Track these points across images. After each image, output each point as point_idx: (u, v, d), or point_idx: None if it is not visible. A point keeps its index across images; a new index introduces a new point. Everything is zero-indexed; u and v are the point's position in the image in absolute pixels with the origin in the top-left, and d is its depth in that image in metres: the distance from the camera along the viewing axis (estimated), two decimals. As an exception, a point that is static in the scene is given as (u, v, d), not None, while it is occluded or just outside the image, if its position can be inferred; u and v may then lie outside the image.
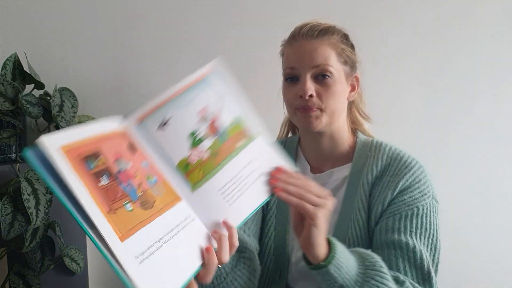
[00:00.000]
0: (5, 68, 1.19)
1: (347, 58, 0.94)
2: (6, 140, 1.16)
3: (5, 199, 1.12)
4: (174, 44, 1.45)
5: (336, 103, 0.92)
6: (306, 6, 1.50)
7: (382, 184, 0.93)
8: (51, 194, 1.16)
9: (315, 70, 0.91)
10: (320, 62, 0.90)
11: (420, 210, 0.89)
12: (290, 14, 1.49)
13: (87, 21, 1.39)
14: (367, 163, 0.96)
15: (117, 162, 0.60)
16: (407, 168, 0.92)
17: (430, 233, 0.90)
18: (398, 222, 0.88)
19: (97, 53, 1.41)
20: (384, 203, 0.91)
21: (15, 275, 1.20)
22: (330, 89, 0.91)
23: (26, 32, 1.36)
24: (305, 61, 0.91)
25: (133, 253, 0.54)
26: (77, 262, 1.31)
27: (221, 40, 1.47)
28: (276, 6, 1.49)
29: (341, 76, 0.93)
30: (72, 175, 0.52)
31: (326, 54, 0.91)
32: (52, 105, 1.19)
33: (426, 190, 0.91)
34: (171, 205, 0.63)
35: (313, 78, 0.91)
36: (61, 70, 1.39)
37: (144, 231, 0.57)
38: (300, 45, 0.92)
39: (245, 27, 1.48)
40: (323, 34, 0.92)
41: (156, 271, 0.56)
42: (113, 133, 0.62)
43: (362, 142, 1.00)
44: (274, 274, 1.00)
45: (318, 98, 0.91)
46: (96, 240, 0.53)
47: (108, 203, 0.55)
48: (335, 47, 0.92)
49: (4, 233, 1.10)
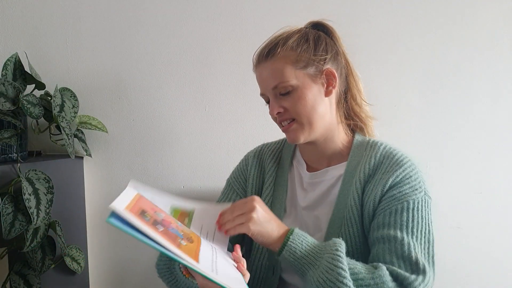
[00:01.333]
0: (6, 69, 1.19)
1: (307, 61, 0.93)
2: (7, 140, 1.17)
3: (6, 198, 1.12)
4: (174, 44, 1.45)
5: (307, 109, 0.93)
6: (306, 5, 1.50)
7: (374, 182, 0.93)
8: (51, 193, 1.16)
9: (275, 91, 0.94)
10: (276, 82, 0.93)
11: (410, 204, 0.89)
12: (290, 14, 1.49)
13: (87, 22, 1.40)
14: (361, 161, 0.97)
15: (156, 214, 0.77)
16: (398, 165, 0.92)
17: (422, 226, 0.89)
18: (388, 217, 0.89)
19: (98, 53, 1.41)
20: (375, 200, 0.91)
21: (16, 274, 1.21)
22: (296, 100, 0.93)
23: (27, 33, 1.36)
24: (265, 85, 0.96)
25: (209, 268, 0.71)
26: (78, 262, 1.31)
27: (221, 40, 1.47)
28: (276, 6, 1.49)
29: (306, 82, 0.93)
30: (144, 226, 0.68)
31: (279, 71, 0.92)
32: (53, 105, 1.19)
33: (417, 186, 0.91)
34: (199, 239, 0.81)
35: (278, 95, 0.95)
36: (61, 70, 1.40)
37: (201, 256, 0.74)
38: (258, 71, 0.97)
39: (245, 27, 1.48)
40: (272, 53, 0.93)
41: (227, 279, 0.73)
42: (136, 195, 0.80)
43: (359, 142, 1.01)
44: (268, 271, 1.01)
45: (287, 111, 0.94)
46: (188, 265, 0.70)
47: (173, 241, 0.72)
48: (288, 58, 0.93)
49: (5, 233, 1.10)
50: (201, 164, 1.49)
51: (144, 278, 1.50)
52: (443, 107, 1.61)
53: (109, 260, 1.48)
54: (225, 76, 1.49)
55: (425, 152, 1.61)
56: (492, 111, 1.63)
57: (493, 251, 1.67)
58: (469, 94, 1.61)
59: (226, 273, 0.75)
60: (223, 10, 1.47)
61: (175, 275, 0.94)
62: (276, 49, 0.93)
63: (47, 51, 1.38)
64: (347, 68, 1.01)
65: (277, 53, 0.93)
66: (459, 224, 1.65)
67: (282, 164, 1.08)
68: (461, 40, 1.59)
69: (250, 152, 1.15)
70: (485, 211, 1.65)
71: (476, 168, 1.64)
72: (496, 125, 1.63)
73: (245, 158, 1.15)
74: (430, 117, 1.61)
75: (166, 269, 0.96)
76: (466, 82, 1.61)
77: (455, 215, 1.64)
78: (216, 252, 0.80)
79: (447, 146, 1.62)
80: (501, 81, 1.62)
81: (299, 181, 1.04)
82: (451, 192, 1.63)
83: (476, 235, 1.65)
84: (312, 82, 0.94)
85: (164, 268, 0.96)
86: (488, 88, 1.62)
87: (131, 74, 1.44)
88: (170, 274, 0.95)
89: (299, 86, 0.93)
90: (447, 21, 1.58)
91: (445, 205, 1.62)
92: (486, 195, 1.64)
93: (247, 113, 1.51)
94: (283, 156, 1.09)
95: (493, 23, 1.60)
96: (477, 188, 1.64)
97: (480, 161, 1.64)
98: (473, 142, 1.63)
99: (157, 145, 1.47)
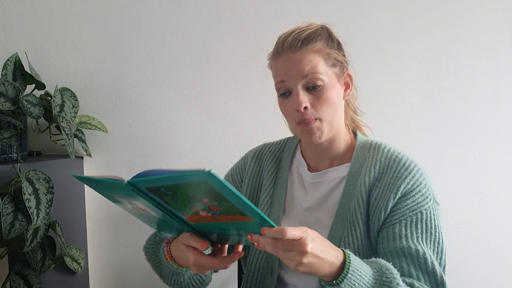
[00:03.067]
0: (6, 69, 1.19)
1: (335, 60, 0.93)
2: (7, 140, 1.17)
3: (6, 198, 1.12)
4: (174, 44, 1.45)
5: (332, 110, 0.92)
6: (307, 5, 1.50)
7: (382, 187, 0.92)
8: (51, 193, 1.16)
9: (305, 81, 0.90)
10: (308, 71, 0.89)
11: (424, 215, 0.90)
12: (290, 13, 1.49)
13: (87, 22, 1.40)
14: (365, 164, 0.95)
15: None
16: (407, 170, 0.92)
17: (435, 236, 0.90)
18: (404, 229, 0.89)
19: (98, 53, 1.41)
20: (387, 208, 0.90)
21: (16, 274, 1.21)
22: (324, 98, 0.90)
23: (26, 33, 1.36)
24: (293, 74, 0.90)
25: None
26: (78, 262, 1.31)
27: (221, 40, 1.47)
28: (277, 6, 1.49)
29: (333, 80, 0.92)
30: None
31: (313, 63, 0.89)
32: (53, 105, 1.19)
33: (427, 193, 0.91)
34: None
35: (305, 89, 0.90)
36: (61, 70, 1.40)
37: None
38: (286, 58, 0.91)
39: (246, 27, 1.48)
40: (306, 43, 0.90)
41: None
42: None
43: (361, 143, 1.00)
44: (266, 271, 1.01)
45: (314, 109, 0.90)
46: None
47: None
48: (321, 53, 0.91)
49: (5, 233, 1.10)
50: (201, 164, 1.49)
51: (144, 278, 1.50)
52: (443, 107, 1.61)
53: (109, 260, 1.48)
54: (225, 76, 1.49)
55: (425, 152, 1.61)
56: (492, 111, 1.63)
57: (493, 251, 1.67)
58: (469, 94, 1.62)
59: None
60: (223, 10, 1.47)
61: (159, 258, 0.95)
62: (311, 40, 0.90)
63: (47, 51, 1.38)
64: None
65: (312, 45, 0.90)
66: (459, 224, 1.65)
67: (282, 165, 1.07)
68: (461, 40, 1.60)
69: (250, 151, 1.14)
70: (485, 211, 1.65)
71: (476, 168, 1.64)
72: (496, 125, 1.63)
73: (244, 156, 1.14)
74: (430, 117, 1.61)
75: (152, 252, 0.98)
76: (466, 82, 1.61)
77: (455, 215, 1.64)
78: None
79: (447, 146, 1.62)
80: (501, 81, 1.62)
81: (300, 181, 1.03)
82: (451, 192, 1.63)
83: (476, 235, 1.66)
84: (337, 82, 0.93)
85: (150, 252, 0.99)
86: (488, 88, 1.62)
87: (131, 74, 1.44)
88: (155, 257, 0.97)
89: (328, 84, 0.91)
90: (447, 21, 1.58)
91: (445, 205, 1.62)
92: (486, 195, 1.65)
93: (247, 113, 1.51)
94: (283, 157, 1.08)
95: (493, 23, 1.60)
96: (477, 188, 1.64)
97: (480, 161, 1.64)
98: (473, 142, 1.63)
99: (157, 145, 1.47)
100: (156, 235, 1.03)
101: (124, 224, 1.47)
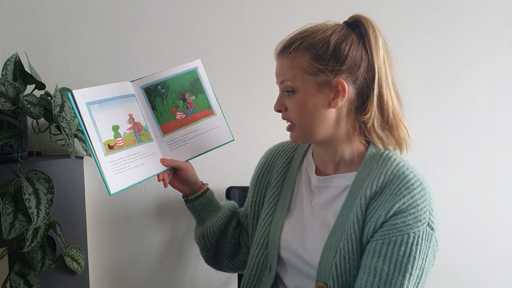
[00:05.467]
0: (6, 69, 1.19)
1: (317, 69, 0.89)
2: (7, 140, 1.17)
3: (6, 198, 1.12)
4: (174, 44, 1.45)
5: (306, 116, 0.92)
6: (307, 4, 1.50)
7: (380, 201, 0.90)
8: (51, 193, 1.16)
9: (281, 86, 0.95)
10: (283, 78, 0.93)
11: (410, 238, 0.85)
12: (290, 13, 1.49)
13: (87, 22, 1.40)
14: (371, 175, 0.92)
15: None
16: (408, 189, 0.88)
17: (417, 262, 0.86)
18: (386, 247, 0.86)
19: (98, 53, 1.41)
20: (376, 223, 0.88)
21: (16, 274, 1.21)
22: (295, 104, 0.92)
23: (27, 33, 1.36)
24: (277, 78, 0.96)
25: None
26: (78, 262, 1.31)
27: (221, 40, 1.48)
28: (277, 5, 1.50)
29: (310, 88, 0.90)
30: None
31: (289, 70, 0.92)
32: (53, 105, 1.19)
33: (421, 217, 0.87)
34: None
35: (284, 93, 0.95)
36: (62, 70, 1.40)
37: None
38: (277, 62, 0.97)
39: (245, 26, 1.48)
40: (287, 50, 0.92)
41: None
42: None
43: (372, 154, 0.95)
44: (265, 268, 1.01)
45: (287, 112, 0.95)
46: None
47: None
48: (299, 60, 0.91)
49: (5, 233, 1.10)
50: (200, 164, 1.49)
51: (144, 278, 1.50)
52: (443, 107, 1.61)
53: (109, 260, 1.48)
54: (225, 76, 1.49)
55: (425, 152, 1.61)
56: (492, 111, 1.63)
57: (493, 251, 1.67)
58: (469, 94, 1.62)
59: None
60: (223, 10, 1.47)
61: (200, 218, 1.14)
62: (291, 47, 0.92)
63: (47, 51, 1.38)
64: (373, 80, 0.91)
65: (291, 52, 0.92)
66: (459, 224, 1.65)
67: (293, 164, 1.07)
68: (461, 40, 1.60)
69: (268, 149, 1.17)
70: (485, 211, 1.65)
71: (476, 168, 1.64)
72: (496, 125, 1.63)
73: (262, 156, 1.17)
74: (430, 117, 1.61)
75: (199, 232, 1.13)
76: (466, 82, 1.61)
77: (455, 215, 1.64)
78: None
79: (447, 146, 1.62)
80: (501, 81, 1.62)
81: (307, 183, 1.02)
82: (451, 192, 1.63)
83: (476, 235, 1.66)
84: (317, 91, 0.91)
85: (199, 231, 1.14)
86: (488, 88, 1.62)
87: (131, 74, 1.44)
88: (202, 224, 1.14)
89: (301, 91, 0.91)
90: (447, 21, 1.58)
91: (445, 205, 1.62)
92: (486, 195, 1.65)
93: (247, 113, 1.51)
94: (295, 156, 1.08)
95: (493, 23, 1.60)
96: (477, 188, 1.64)
97: (480, 161, 1.64)
98: (473, 142, 1.63)
99: (157, 145, 1.47)
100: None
101: (124, 224, 1.47)
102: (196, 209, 1.12)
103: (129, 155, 0.99)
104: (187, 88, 1.09)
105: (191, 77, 1.10)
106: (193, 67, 1.10)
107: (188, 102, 1.08)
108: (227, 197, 1.42)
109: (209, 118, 1.10)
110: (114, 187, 0.95)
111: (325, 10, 1.51)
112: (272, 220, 1.03)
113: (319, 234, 0.95)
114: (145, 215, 1.48)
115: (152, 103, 1.06)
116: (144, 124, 1.04)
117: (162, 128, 1.06)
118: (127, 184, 0.97)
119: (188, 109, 1.08)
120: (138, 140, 1.01)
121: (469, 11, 1.59)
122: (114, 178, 0.95)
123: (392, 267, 0.85)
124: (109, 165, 0.95)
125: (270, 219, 1.04)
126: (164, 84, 1.07)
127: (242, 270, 1.13)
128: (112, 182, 0.94)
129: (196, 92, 1.09)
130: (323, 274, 0.91)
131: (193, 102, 1.09)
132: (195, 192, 1.11)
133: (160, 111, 1.06)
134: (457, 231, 1.65)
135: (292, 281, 0.99)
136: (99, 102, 0.97)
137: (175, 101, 1.07)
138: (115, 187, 0.95)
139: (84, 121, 0.93)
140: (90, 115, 0.95)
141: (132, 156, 0.99)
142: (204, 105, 1.10)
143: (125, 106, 1.01)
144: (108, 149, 0.96)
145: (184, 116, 1.07)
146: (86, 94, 0.95)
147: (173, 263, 1.51)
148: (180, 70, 1.09)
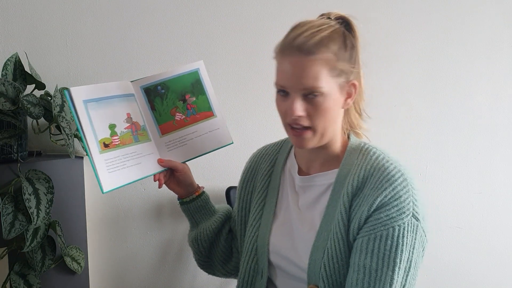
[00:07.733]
0: (6, 69, 1.19)
1: (341, 69, 0.87)
2: (7, 140, 1.17)
3: (6, 198, 1.12)
4: (174, 44, 1.45)
5: (327, 120, 0.88)
6: (308, 5, 1.50)
7: (362, 197, 0.88)
8: (51, 193, 1.16)
9: (304, 91, 0.86)
10: (310, 84, 0.85)
11: (396, 231, 0.84)
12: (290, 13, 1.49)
13: (87, 22, 1.40)
14: (351, 171, 0.91)
15: None
16: (388, 182, 0.86)
17: (404, 254, 0.85)
18: (372, 243, 0.85)
19: (98, 53, 1.41)
20: (361, 219, 0.87)
21: (16, 274, 1.21)
22: (320, 108, 0.86)
23: (27, 33, 1.36)
24: (294, 81, 0.86)
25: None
26: (78, 262, 1.31)
27: (221, 40, 1.48)
28: (277, 4, 1.49)
29: (333, 90, 0.87)
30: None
31: (316, 74, 0.84)
32: (53, 105, 1.19)
33: (405, 208, 0.85)
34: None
35: (302, 96, 0.86)
36: (62, 70, 1.40)
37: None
38: (291, 61, 0.86)
39: (245, 26, 1.48)
40: (316, 50, 0.84)
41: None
42: None
43: (352, 148, 0.95)
44: (256, 274, 1.01)
45: (308, 117, 0.87)
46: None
47: None
48: (328, 63, 0.85)
49: (5, 233, 1.11)
50: (200, 164, 1.49)
51: (144, 278, 1.50)
52: (443, 107, 1.61)
53: (109, 260, 1.48)
54: (224, 76, 1.49)
55: (425, 152, 1.62)
56: (492, 111, 1.63)
57: (493, 251, 1.67)
58: (469, 94, 1.62)
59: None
60: (223, 10, 1.47)
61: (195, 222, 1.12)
62: (319, 47, 0.85)
63: (47, 51, 1.38)
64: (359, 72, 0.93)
65: (321, 53, 0.85)
66: (459, 224, 1.65)
67: (276, 167, 1.05)
68: (461, 40, 1.60)
69: (252, 154, 1.14)
70: (485, 211, 1.65)
71: (476, 168, 1.64)
72: (496, 125, 1.64)
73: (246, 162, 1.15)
74: (430, 117, 1.61)
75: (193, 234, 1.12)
76: (466, 82, 1.61)
77: (455, 215, 1.64)
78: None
79: (447, 146, 1.63)
80: (501, 81, 1.63)
81: (291, 184, 1.01)
82: (451, 192, 1.63)
83: (476, 235, 1.66)
84: (338, 92, 0.88)
85: (193, 234, 1.12)
86: (488, 88, 1.62)
87: (131, 74, 1.44)
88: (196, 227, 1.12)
89: (327, 94, 0.86)
90: (447, 21, 1.59)
91: (445, 205, 1.63)
92: (486, 195, 1.65)
93: (247, 113, 1.51)
94: (278, 158, 1.06)
95: (493, 23, 1.60)
96: (477, 188, 1.64)
97: (480, 161, 1.64)
98: (473, 142, 1.63)
99: (157, 145, 1.47)
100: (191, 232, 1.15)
101: (124, 224, 1.47)
102: (191, 212, 1.11)
103: (125, 154, 0.98)
104: (188, 89, 1.07)
105: (193, 78, 1.08)
106: (195, 68, 1.08)
107: (188, 103, 1.07)
108: (227, 197, 1.42)
109: (209, 120, 1.09)
110: (107, 185, 0.94)
111: (326, 11, 1.51)
112: (259, 225, 1.02)
113: (307, 236, 0.94)
114: (145, 215, 1.48)
115: (152, 103, 1.05)
116: (142, 124, 1.03)
117: (160, 129, 1.05)
118: (121, 183, 0.96)
119: (187, 110, 1.07)
120: (135, 140, 1.01)
121: (469, 11, 1.59)
122: (108, 176, 0.94)
123: (380, 263, 0.84)
124: (104, 163, 0.94)
125: (258, 224, 1.02)
126: (164, 84, 1.06)
127: (235, 276, 1.12)
128: (106, 180, 0.94)
129: (197, 93, 1.08)
130: (313, 276, 0.90)
131: (193, 103, 1.08)
132: (191, 195, 1.09)
133: (159, 111, 1.05)
134: (457, 231, 1.65)
135: (284, 285, 0.98)
136: (96, 100, 0.96)
137: (175, 102, 1.06)
138: (108, 186, 0.94)
139: (80, 118, 0.93)
140: (87, 113, 0.94)
141: (128, 155, 0.99)
142: (205, 106, 1.09)
143: (124, 105, 1.01)
144: (104, 147, 0.95)
145: (184, 117, 1.07)
146: (84, 91, 0.95)
147: (173, 263, 1.51)
148: (182, 71, 1.07)
